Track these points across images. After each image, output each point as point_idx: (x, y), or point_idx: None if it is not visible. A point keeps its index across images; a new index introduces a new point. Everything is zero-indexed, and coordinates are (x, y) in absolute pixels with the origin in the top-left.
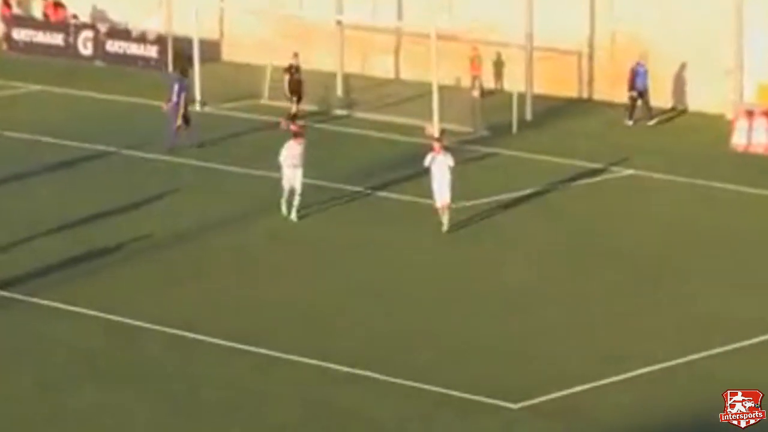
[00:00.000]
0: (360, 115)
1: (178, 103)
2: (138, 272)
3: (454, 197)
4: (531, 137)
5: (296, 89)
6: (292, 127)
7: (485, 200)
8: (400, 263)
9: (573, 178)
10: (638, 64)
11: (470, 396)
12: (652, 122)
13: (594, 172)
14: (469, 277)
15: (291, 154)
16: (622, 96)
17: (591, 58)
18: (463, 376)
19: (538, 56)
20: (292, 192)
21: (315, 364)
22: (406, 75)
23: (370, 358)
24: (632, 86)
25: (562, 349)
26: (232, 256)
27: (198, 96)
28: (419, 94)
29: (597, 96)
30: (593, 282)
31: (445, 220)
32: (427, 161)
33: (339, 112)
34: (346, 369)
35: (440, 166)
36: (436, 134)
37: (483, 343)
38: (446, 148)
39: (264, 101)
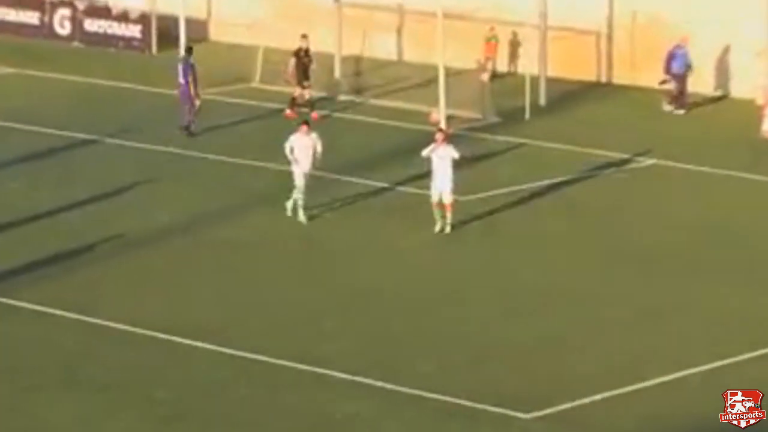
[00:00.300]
0: (358, 99)
1: (187, 84)
2: (118, 270)
3: (461, 190)
4: (545, 124)
5: (305, 74)
6: (288, 113)
7: (494, 193)
8: (404, 262)
9: (590, 169)
10: (677, 46)
11: (479, 405)
12: (681, 111)
13: (613, 162)
14: (477, 278)
15: (298, 146)
16: (643, 79)
17: (610, 38)
18: (472, 384)
19: (552, 36)
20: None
21: (311, 371)
22: (409, 56)
23: (372, 364)
24: (668, 70)
25: (577, 355)
26: (220, 254)
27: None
28: (424, 77)
29: (617, 80)
30: (610, 282)
31: (447, 220)
32: (425, 152)
33: (337, 97)
34: (345, 376)
35: (442, 160)
36: (443, 120)
37: (493, 349)
38: (449, 140)
39: (255, 85)
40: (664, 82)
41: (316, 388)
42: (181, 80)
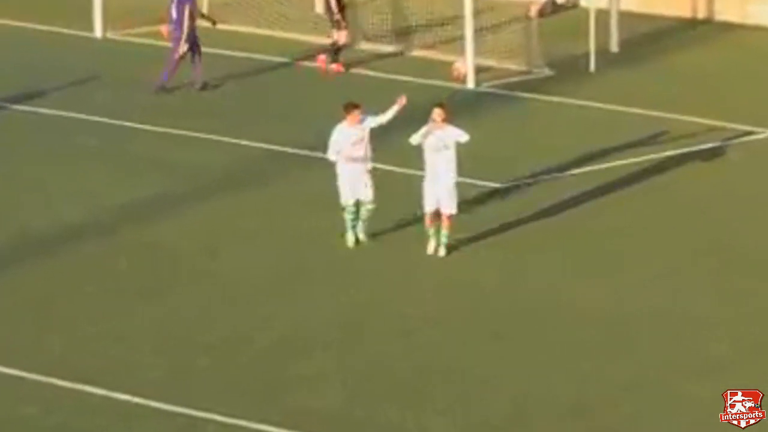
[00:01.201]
0: (355, 46)
1: (179, 22)
2: (8, 288)
3: (492, 175)
4: (617, 79)
5: (342, 12)
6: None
7: (544, 178)
8: (412, 280)
9: (682, 143)
10: None
11: None
12: None
13: (715, 134)
14: (515, 301)
15: (347, 141)
16: (760, 16)
17: None
18: None
19: None
20: (358, 205)
21: None
22: None
23: (365, 424)
24: None
25: (656, 410)
26: (152, 264)
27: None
28: (444, 13)
29: (720, 16)
30: (711, 304)
31: (443, 237)
32: (416, 138)
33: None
34: None
35: (440, 149)
36: (471, 75)
37: (539, 405)
38: (448, 118)
39: (202, 23)
40: None
41: None
42: (174, 14)
